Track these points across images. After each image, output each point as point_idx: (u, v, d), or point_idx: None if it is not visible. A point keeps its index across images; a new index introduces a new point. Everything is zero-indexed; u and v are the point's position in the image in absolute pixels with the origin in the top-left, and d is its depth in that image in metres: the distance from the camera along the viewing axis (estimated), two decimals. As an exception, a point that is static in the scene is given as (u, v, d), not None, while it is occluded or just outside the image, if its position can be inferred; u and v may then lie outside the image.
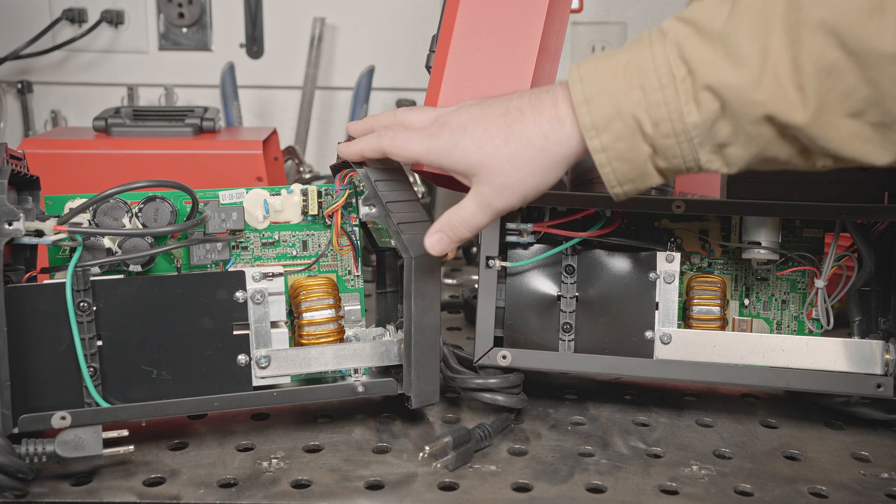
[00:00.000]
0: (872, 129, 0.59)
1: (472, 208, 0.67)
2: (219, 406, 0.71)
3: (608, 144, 0.62)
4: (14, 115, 1.45)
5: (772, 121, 0.59)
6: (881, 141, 0.59)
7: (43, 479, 0.66)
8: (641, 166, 0.63)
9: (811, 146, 0.60)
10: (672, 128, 0.60)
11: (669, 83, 0.60)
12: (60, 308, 0.67)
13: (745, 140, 0.60)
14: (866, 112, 0.58)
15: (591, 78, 0.62)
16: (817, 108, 0.58)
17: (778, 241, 0.78)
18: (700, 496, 0.66)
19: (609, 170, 0.63)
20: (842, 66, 0.57)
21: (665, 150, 0.61)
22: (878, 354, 0.76)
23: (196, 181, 0.74)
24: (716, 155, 0.62)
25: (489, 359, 0.78)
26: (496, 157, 0.65)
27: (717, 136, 0.61)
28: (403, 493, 0.65)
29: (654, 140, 0.61)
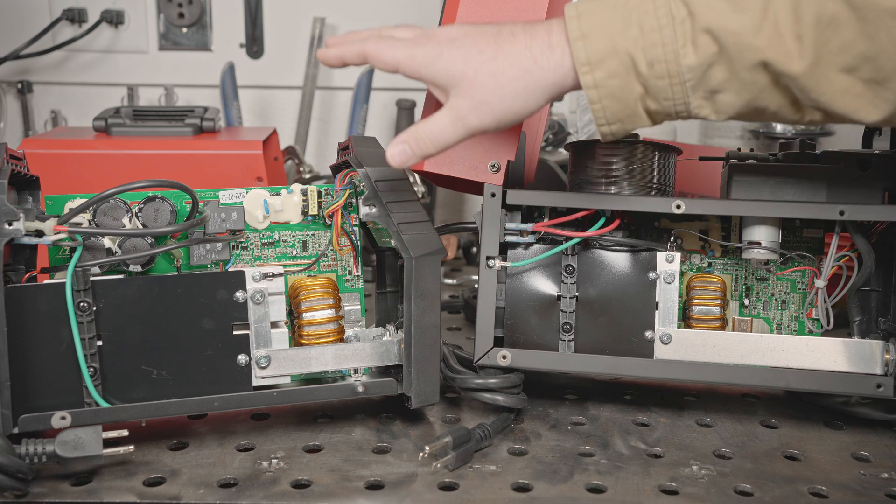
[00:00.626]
0: (864, 85, 0.59)
1: (443, 121, 0.65)
2: (219, 406, 0.71)
3: (601, 81, 0.62)
4: (14, 115, 1.45)
5: (767, 68, 0.59)
6: (871, 98, 0.60)
7: (43, 479, 0.66)
8: (632, 106, 0.62)
9: (802, 98, 0.60)
10: (667, 69, 0.61)
11: (668, 24, 0.60)
12: (60, 308, 0.67)
13: (738, 86, 0.60)
14: (860, 67, 0.59)
15: (588, 14, 0.62)
16: (813, 59, 0.59)
17: (778, 241, 0.78)
18: (700, 496, 0.66)
19: (599, 107, 0.63)
20: (842, 19, 0.57)
21: (657, 92, 0.61)
22: (878, 354, 0.76)
23: (196, 181, 0.74)
24: (707, 101, 0.62)
25: (489, 359, 0.78)
26: (480, 70, 0.63)
27: (710, 80, 0.61)
28: (403, 493, 0.65)
29: (647, 80, 0.61)
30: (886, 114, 0.61)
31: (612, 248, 0.80)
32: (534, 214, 0.81)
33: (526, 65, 0.63)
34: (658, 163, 0.80)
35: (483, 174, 0.79)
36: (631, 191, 0.80)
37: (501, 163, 0.78)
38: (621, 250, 0.80)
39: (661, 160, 0.80)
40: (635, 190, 0.80)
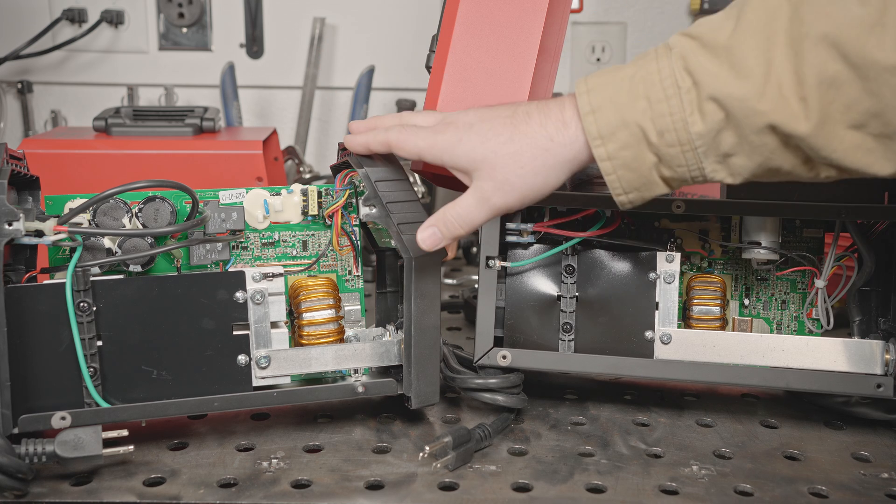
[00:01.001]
0: (875, 140, 0.60)
1: (469, 204, 0.67)
2: (219, 406, 0.71)
3: (614, 153, 0.63)
4: (14, 115, 1.45)
5: (775, 130, 0.60)
6: (883, 152, 0.60)
7: (43, 479, 0.66)
8: (646, 175, 0.63)
9: (814, 156, 0.61)
10: (677, 137, 0.61)
11: (675, 94, 0.61)
12: (60, 308, 0.67)
13: (749, 150, 0.61)
14: (868, 124, 0.59)
15: (597, 89, 0.63)
16: (819, 119, 0.59)
17: (778, 241, 0.78)
18: (700, 496, 0.66)
19: (615, 177, 0.64)
20: (843, 78, 0.58)
21: (670, 160, 0.62)
22: (878, 354, 0.76)
23: (196, 181, 0.74)
24: (720, 165, 0.62)
25: (489, 359, 0.78)
26: (499, 152, 0.65)
27: (721, 145, 0.61)
28: (403, 493, 0.65)
29: (658, 149, 0.62)
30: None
31: (612, 248, 0.80)
32: (534, 214, 0.81)
33: (543, 143, 0.64)
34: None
35: (483, 174, 0.78)
36: (631, 191, 0.80)
37: (501, 163, 0.78)
38: (621, 250, 0.80)
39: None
40: (635, 190, 0.80)
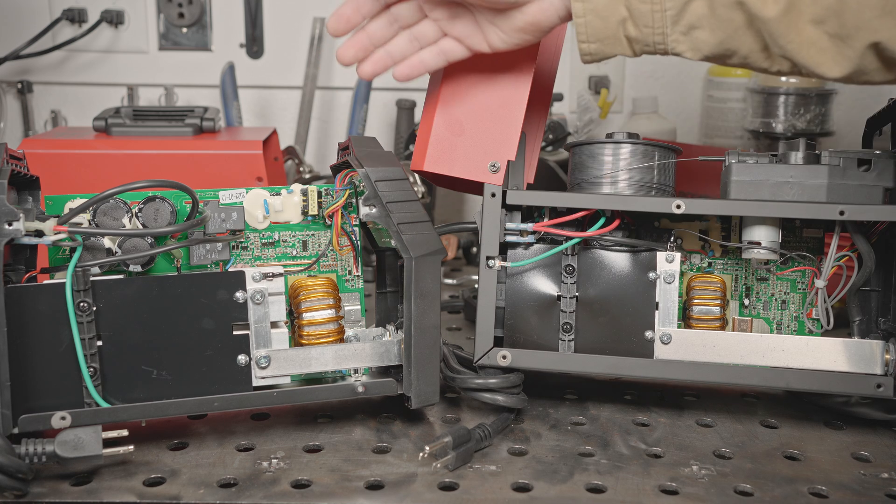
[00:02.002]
0: (829, 39, 0.63)
1: None
2: (219, 406, 0.71)
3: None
4: (14, 115, 1.45)
5: (743, 7, 0.63)
6: (835, 53, 0.63)
7: (43, 479, 0.66)
8: (613, 28, 0.66)
9: (772, 44, 0.64)
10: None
11: None
12: (60, 308, 0.67)
13: (714, 24, 0.64)
14: (827, 20, 0.62)
15: None
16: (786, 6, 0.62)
17: (778, 241, 0.78)
18: (700, 496, 0.66)
19: (583, 21, 0.67)
20: None
21: (639, 17, 0.65)
22: (878, 354, 0.76)
23: (196, 181, 0.74)
24: (684, 36, 0.66)
25: (489, 359, 0.78)
26: None
27: (690, 14, 0.64)
28: (403, 493, 0.65)
29: (631, 3, 0.65)
30: (847, 71, 0.65)
31: (612, 248, 0.80)
32: (534, 214, 0.81)
33: None
34: (658, 163, 0.80)
35: (483, 174, 0.79)
36: (631, 191, 0.80)
37: (501, 163, 0.78)
38: (621, 250, 0.80)
39: (661, 160, 0.80)
40: (635, 190, 0.80)
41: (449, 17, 0.74)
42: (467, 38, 0.74)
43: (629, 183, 0.80)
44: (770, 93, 1.27)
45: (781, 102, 1.27)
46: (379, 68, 0.76)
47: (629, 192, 0.80)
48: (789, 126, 1.27)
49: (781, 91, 1.27)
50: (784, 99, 1.27)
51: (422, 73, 0.77)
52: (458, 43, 0.75)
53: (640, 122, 1.38)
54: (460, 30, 0.74)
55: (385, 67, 0.76)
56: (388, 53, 0.76)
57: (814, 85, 1.26)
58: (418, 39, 0.75)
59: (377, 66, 0.76)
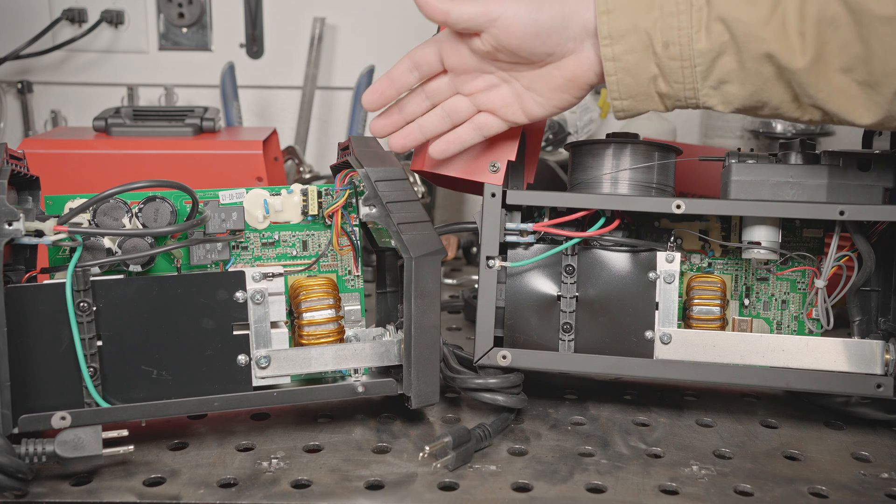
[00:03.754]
0: (859, 87, 0.63)
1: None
2: (219, 406, 0.71)
3: (619, 55, 0.66)
4: (14, 115, 1.45)
5: (772, 60, 0.64)
6: (865, 100, 0.64)
7: (43, 479, 0.66)
8: (644, 85, 0.67)
9: (802, 94, 0.65)
10: (680, 51, 0.65)
11: (686, 9, 0.65)
12: (60, 308, 0.67)
13: (744, 77, 0.65)
14: (855, 69, 0.63)
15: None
16: (814, 56, 0.63)
17: (778, 241, 0.78)
18: (700, 496, 0.66)
19: (615, 79, 0.67)
20: (841, 21, 0.62)
21: (669, 73, 0.66)
22: (878, 354, 0.76)
23: (196, 181, 0.74)
24: (714, 90, 0.66)
25: (489, 359, 0.78)
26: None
27: (720, 69, 0.65)
28: (403, 493, 0.65)
29: (661, 60, 0.66)
30: (878, 118, 0.65)
31: (612, 248, 0.80)
32: (534, 214, 0.81)
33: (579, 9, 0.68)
34: (658, 163, 0.80)
35: (483, 174, 0.79)
36: (631, 191, 0.80)
37: (501, 163, 0.78)
38: (621, 250, 0.80)
39: (661, 160, 0.80)
40: (635, 190, 0.80)
41: (483, 89, 0.73)
42: (502, 110, 0.74)
43: (629, 183, 0.80)
44: (770, 93, 1.27)
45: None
46: (410, 142, 0.77)
47: (629, 192, 0.80)
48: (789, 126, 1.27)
49: (781, 91, 1.26)
50: (784, 99, 1.26)
51: (457, 151, 0.76)
52: (493, 116, 0.74)
53: (640, 122, 1.38)
54: (496, 102, 0.73)
55: (416, 142, 0.77)
56: (420, 128, 0.76)
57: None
58: (451, 116, 0.75)
59: (408, 141, 0.77)
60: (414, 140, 0.77)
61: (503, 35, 0.68)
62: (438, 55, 0.73)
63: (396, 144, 0.77)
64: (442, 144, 0.76)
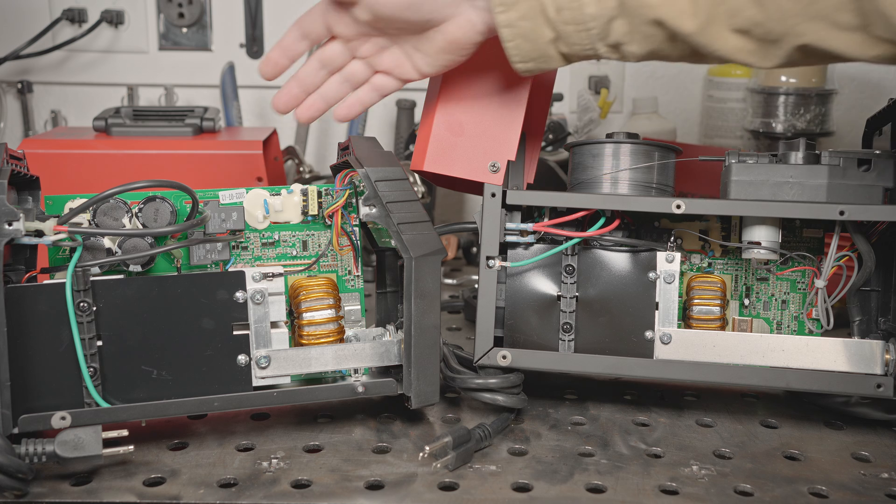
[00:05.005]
0: (757, 43, 0.64)
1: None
2: (219, 406, 0.71)
3: (514, 21, 0.67)
4: (14, 115, 1.45)
5: (662, 24, 0.64)
6: (764, 54, 0.65)
7: (43, 479, 0.66)
8: (542, 48, 0.68)
9: (700, 51, 0.65)
10: (572, 16, 0.65)
11: None
12: (60, 308, 0.67)
13: (639, 38, 0.66)
14: (751, 30, 0.63)
15: None
16: (706, 19, 0.63)
17: (778, 241, 0.78)
18: (700, 496, 0.66)
19: (513, 45, 0.68)
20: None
21: (567, 37, 0.67)
22: (878, 354, 0.76)
23: (196, 181, 0.74)
24: (613, 50, 0.68)
25: (489, 359, 0.78)
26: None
27: (613, 32, 0.66)
28: (403, 493, 0.65)
29: (556, 25, 0.66)
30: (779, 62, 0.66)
31: (612, 248, 0.80)
32: (534, 214, 0.81)
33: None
34: (658, 163, 0.80)
35: (483, 174, 0.79)
36: (631, 191, 0.80)
37: (501, 163, 0.78)
38: (621, 250, 0.80)
39: (661, 160, 0.80)
40: (635, 190, 0.80)
41: (375, 52, 0.75)
42: (396, 70, 0.76)
43: (629, 183, 0.80)
44: (770, 93, 1.27)
45: (781, 102, 1.27)
46: (315, 113, 0.78)
47: (629, 192, 0.80)
48: (789, 126, 1.27)
49: (781, 91, 1.27)
50: (784, 99, 1.27)
51: (361, 112, 0.79)
52: (388, 76, 0.76)
53: (640, 122, 1.38)
54: (388, 63, 0.75)
55: (321, 111, 0.78)
56: (322, 98, 0.77)
57: (813, 85, 1.26)
58: (349, 81, 0.77)
59: (313, 111, 0.78)
60: (319, 110, 0.77)
61: (377, 6, 0.70)
62: (325, 23, 0.75)
63: (303, 117, 0.78)
64: (343, 109, 0.78)
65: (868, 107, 1.40)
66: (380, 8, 0.70)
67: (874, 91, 1.43)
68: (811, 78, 1.26)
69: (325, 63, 0.77)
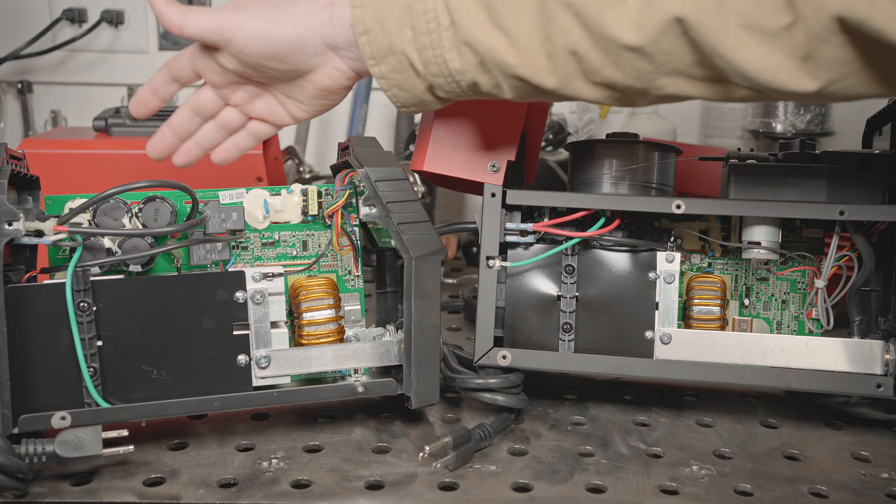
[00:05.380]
0: (621, 93, 0.64)
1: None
2: (219, 406, 0.71)
3: (386, 74, 0.67)
4: (14, 115, 1.45)
5: (524, 80, 0.64)
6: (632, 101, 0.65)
7: (43, 479, 0.66)
8: (419, 95, 0.68)
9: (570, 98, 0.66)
10: (439, 69, 0.65)
11: (435, 29, 0.64)
12: (60, 308, 0.67)
13: (509, 89, 0.66)
14: (613, 85, 0.63)
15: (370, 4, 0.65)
16: (565, 77, 0.64)
17: (778, 241, 0.78)
18: (700, 496, 0.66)
19: (391, 93, 0.68)
20: (586, 48, 0.62)
21: (440, 86, 0.67)
22: (878, 354, 0.76)
23: (196, 181, 0.74)
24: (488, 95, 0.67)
25: (489, 359, 0.78)
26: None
27: (481, 85, 0.66)
28: (403, 493, 0.65)
29: (426, 77, 0.66)
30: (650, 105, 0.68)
31: (612, 248, 0.80)
32: (534, 214, 0.81)
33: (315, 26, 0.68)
34: (658, 163, 0.80)
35: (483, 174, 0.79)
36: (631, 191, 0.80)
37: (501, 163, 0.78)
38: (621, 250, 0.80)
39: (661, 160, 0.80)
40: (635, 190, 0.80)
41: (248, 100, 0.74)
42: (271, 116, 0.75)
43: (629, 183, 0.80)
44: (770, 93, 1.27)
45: (781, 102, 1.27)
46: (191, 158, 0.76)
47: (629, 192, 0.80)
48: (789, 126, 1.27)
49: (781, 91, 1.26)
50: (784, 99, 1.26)
51: (237, 156, 0.77)
52: (263, 123, 0.75)
53: (640, 122, 1.38)
54: (262, 110, 0.74)
55: (197, 157, 0.76)
56: (197, 144, 0.76)
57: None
58: (224, 128, 0.76)
59: (189, 157, 0.76)
60: (195, 156, 0.76)
61: (241, 54, 0.69)
62: (193, 68, 0.73)
63: (179, 162, 0.76)
64: (221, 154, 0.76)
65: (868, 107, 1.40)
66: (244, 56, 0.68)
67: (874, 91, 1.43)
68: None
69: (197, 111, 0.75)
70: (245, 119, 0.75)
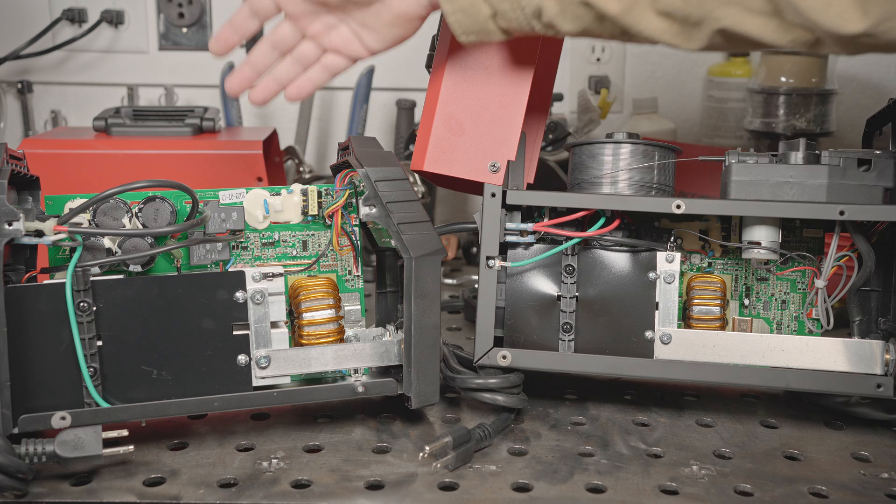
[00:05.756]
0: (679, 25, 0.67)
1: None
2: (219, 406, 0.71)
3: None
4: (14, 115, 1.45)
5: (590, 6, 0.67)
6: (687, 36, 0.67)
7: (43, 479, 0.66)
8: (482, 23, 0.70)
9: (628, 31, 0.68)
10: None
11: None
12: (60, 308, 0.67)
13: (570, 18, 0.68)
14: (673, 13, 0.66)
15: None
16: (630, 2, 0.66)
17: (778, 241, 0.78)
18: (700, 496, 0.66)
19: (454, 19, 0.70)
20: None
21: (503, 13, 0.69)
22: (878, 354, 0.76)
23: (196, 181, 0.74)
24: (547, 28, 0.70)
25: (489, 359, 0.78)
26: None
27: (545, 13, 0.68)
28: (403, 493, 0.65)
29: (493, 2, 0.69)
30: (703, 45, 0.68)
31: (612, 248, 0.80)
32: (534, 214, 0.81)
33: None
34: (658, 163, 0.80)
35: (483, 174, 0.79)
36: (631, 191, 0.80)
37: (501, 163, 0.78)
38: (621, 250, 0.80)
39: (661, 160, 0.80)
40: (635, 190, 0.80)
41: (324, 31, 0.76)
42: (345, 48, 0.77)
43: (629, 183, 0.80)
44: (770, 93, 1.27)
45: (781, 102, 1.27)
46: (269, 94, 0.78)
47: (629, 192, 0.80)
48: (789, 126, 1.27)
49: (781, 91, 1.27)
50: (784, 99, 1.27)
51: (312, 92, 0.79)
52: (338, 55, 0.77)
53: (640, 122, 1.38)
54: (337, 41, 0.76)
55: (274, 93, 0.79)
56: (274, 79, 0.78)
57: (813, 85, 1.26)
58: (300, 61, 0.78)
59: (266, 93, 0.78)
60: (272, 91, 0.78)
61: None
62: (274, 1, 0.76)
63: (256, 99, 0.79)
64: (294, 89, 0.78)
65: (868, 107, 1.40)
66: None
67: (874, 91, 1.43)
68: (811, 78, 1.26)
69: (276, 44, 0.78)
70: (320, 52, 0.77)
